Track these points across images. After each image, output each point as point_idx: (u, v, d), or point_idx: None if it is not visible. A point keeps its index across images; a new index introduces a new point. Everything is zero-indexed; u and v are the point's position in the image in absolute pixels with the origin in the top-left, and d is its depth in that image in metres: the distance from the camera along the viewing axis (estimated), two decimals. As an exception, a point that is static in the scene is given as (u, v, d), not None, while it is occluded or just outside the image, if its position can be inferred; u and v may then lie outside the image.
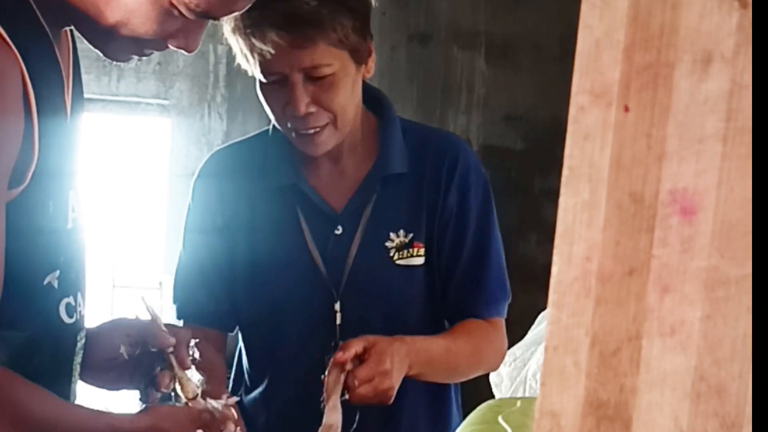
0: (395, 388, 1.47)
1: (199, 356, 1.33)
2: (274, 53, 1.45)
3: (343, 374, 1.44)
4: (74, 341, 1.23)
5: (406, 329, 1.57)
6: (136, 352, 1.31)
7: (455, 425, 1.68)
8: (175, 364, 1.30)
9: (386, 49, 4.53)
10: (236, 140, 1.78)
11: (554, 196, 0.61)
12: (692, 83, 0.58)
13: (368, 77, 1.60)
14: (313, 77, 1.49)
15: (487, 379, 2.86)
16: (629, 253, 0.60)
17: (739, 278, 0.58)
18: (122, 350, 1.30)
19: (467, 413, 1.49)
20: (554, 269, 0.62)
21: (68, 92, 1.19)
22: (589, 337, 0.61)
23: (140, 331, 1.31)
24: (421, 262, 1.64)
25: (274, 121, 1.58)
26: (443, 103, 4.90)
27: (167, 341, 1.30)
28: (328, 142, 1.55)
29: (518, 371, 2.94)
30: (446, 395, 1.75)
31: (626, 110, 0.59)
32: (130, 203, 5.97)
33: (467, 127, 4.92)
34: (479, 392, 2.16)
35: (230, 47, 1.53)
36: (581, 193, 0.61)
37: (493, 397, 2.78)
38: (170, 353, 1.30)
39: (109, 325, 1.33)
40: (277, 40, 1.44)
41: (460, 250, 1.65)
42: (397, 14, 4.63)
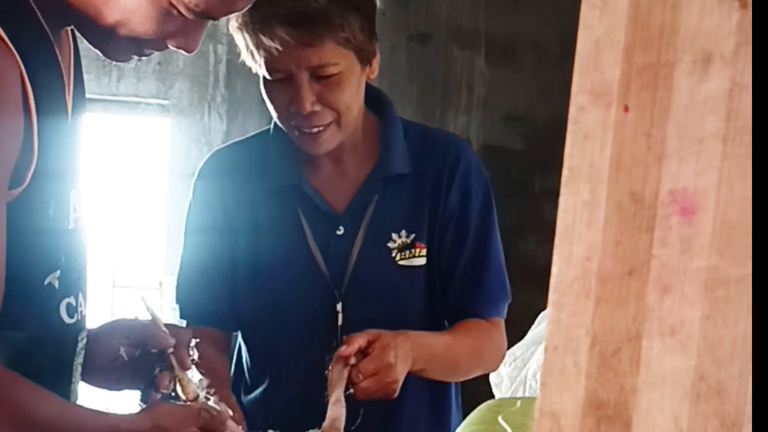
0: (400, 381, 1.47)
1: (199, 357, 1.33)
2: (281, 50, 1.45)
3: (346, 369, 1.44)
4: (75, 341, 1.23)
5: (407, 329, 1.57)
6: (136, 353, 1.31)
7: (455, 425, 1.68)
8: (175, 364, 1.30)
9: (386, 49, 4.53)
10: (237, 140, 1.77)
11: (554, 196, 0.61)
12: (692, 83, 0.58)
13: (372, 78, 1.59)
14: (319, 76, 1.48)
15: (487, 379, 2.86)
16: (629, 253, 0.60)
17: (739, 278, 0.58)
18: (122, 351, 1.29)
19: (467, 413, 1.49)
20: (554, 269, 0.62)
21: (69, 93, 1.19)
22: (589, 337, 0.61)
23: (140, 332, 1.31)
24: (422, 262, 1.64)
25: (276, 118, 1.58)
26: (443, 103, 4.90)
27: (167, 342, 1.29)
28: (331, 141, 1.55)
29: (518, 371, 2.94)
30: (446, 395, 1.74)
31: (626, 110, 0.59)
32: (130, 203, 5.97)
33: (467, 127, 4.92)
34: (479, 392, 2.16)
35: (230, 47, 1.52)
36: (581, 193, 0.61)
37: (493, 397, 2.78)
38: (170, 354, 1.30)
39: (108, 326, 1.33)
40: (285, 37, 1.44)
41: (460, 250, 1.65)
42: (397, 14, 4.63)
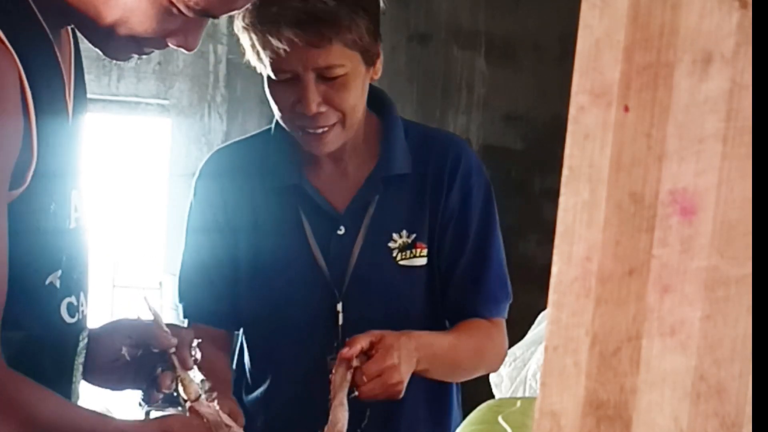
0: (404, 382, 1.46)
1: (201, 357, 1.33)
2: (288, 51, 1.45)
3: (349, 371, 1.43)
4: (76, 341, 1.23)
5: (408, 329, 1.57)
6: (138, 353, 1.30)
7: (455, 425, 1.68)
8: (177, 364, 1.30)
9: (386, 49, 4.51)
10: (238, 139, 1.77)
11: (554, 196, 0.61)
12: (692, 83, 0.58)
13: (376, 79, 1.59)
14: (325, 77, 1.48)
15: (487, 379, 2.86)
16: (629, 253, 0.60)
17: (739, 278, 0.58)
18: (124, 351, 1.29)
19: (467, 413, 1.49)
20: (554, 269, 0.62)
21: (69, 93, 1.19)
22: (589, 337, 0.61)
23: (142, 332, 1.31)
24: (423, 262, 1.64)
25: (280, 118, 1.57)
26: (443, 103, 4.90)
27: (169, 342, 1.29)
28: (335, 141, 1.55)
29: (518, 371, 2.94)
30: (447, 395, 1.74)
31: (626, 110, 0.59)
32: (130, 203, 5.97)
33: (467, 127, 4.92)
34: (479, 392, 2.16)
35: (230, 47, 1.52)
36: (581, 193, 0.61)
37: (493, 397, 2.78)
38: (172, 354, 1.30)
39: (110, 326, 1.33)
40: (293, 38, 1.44)
41: (461, 250, 1.65)
42: (397, 14, 4.63)
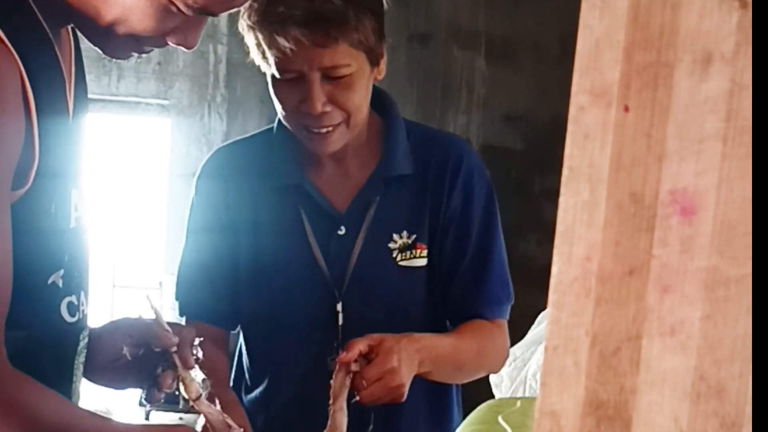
0: (406, 385, 1.45)
1: (202, 356, 1.33)
2: (294, 50, 1.45)
3: (348, 376, 1.41)
4: (76, 340, 1.23)
5: (408, 330, 1.56)
6: (139, 352, 1.30)
7: (455, 425, 1.68)
8: (178, 363, 1.30)
9: (386, 49, 4.53)
10: (240, 138, 1.77)
11: (554, 196, 0.61)
12: (692, 83, 0.58)
13: (379, 79, 1.59)
14: (330, 77, 1.48)
15: (487, 379, 2.86)
16: (629, 253, 0.60)
17: (739, 278, 0.58)
18: (125, 351, 1.29)
19: (467, 413, 1.49)
20: (554, 269, 0.62)
21: (70, 92, 1.19)
22: (589, 337, 0.61)
23: (143, 331, 1.30)
24: (423, 263, 1.64)
25: (283, 118, 1.57)
26: (443, 103, 4.90)
27: (170, 341, 1.29)
28: (339, 141, 1.55)
29: (518, 371, 2.94)
30: (447, 395, 1.74)
31: (626, 110, 0.59)
32: (130, 203, 5.97)
33: (467, 127, 4.92)
34: (479, 392, 2.16)
35: (230, 47, 1.52)
36: (581, 193, 0.61)
37: (493, 397, 2.78)
38: (173, 353, 1.30)
39: (111, 325, 1.33)
40: (300, 37, 1.44)
41: (463, 251, 1.65)
42: (397, 14, 4.64)
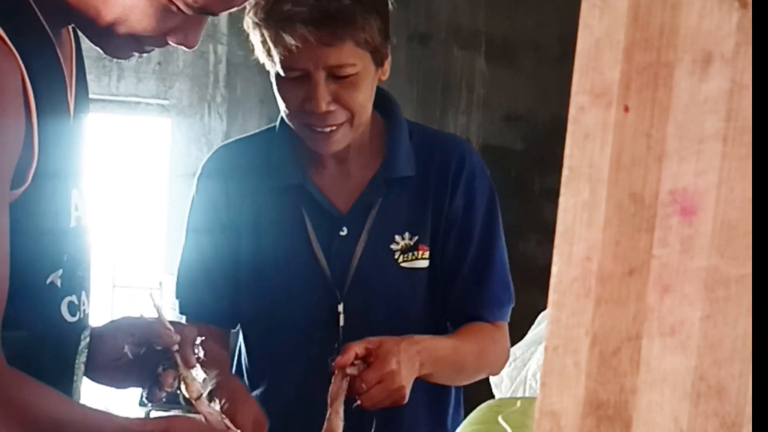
0: (407, 387, 1.45)
1: (204, 355, 1.33)
2: (300, 49, 1.45)
3: (345, 380, 1.41)
4: (77, 340, 1.23)
5: (409, 331, 1.56)
6: (140, 351, 1.30)
7: (456, 425, 1.68)
8: (180, 362, 1.30)
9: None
10: (241, 137, 1.76)
11: (554, 196, 0.61)
12: (692, 83, 0.58)
13: (384, 80, 1.59)
14: (336, 76, 1.48)
15: (487, 379, 2.85)
16: (629, 253, 0.60)
17: (739, 278, 0.58)
18: (126, 350, 1.29)
19: (467, 413, 1.49)
20: (554, 269, 0.62)
21: (71, 92, 1.19)
22: (589, 337, 0.61)
23: (144, 330, 1.31)
24: (425, 265, 1.64)
25: (286, 116, 1.57)
26: (443, 103, 4.90)
27: (172, 339, 1.29)
28: (342, 140, 1.55)
29: (518, 371, 2.94)
30: (447, 395, 1.74)
31: (626, 110, 0.59)
32: (130, 203, 5.97)
33: (467, 127, 4.92)
34: (479, 392, 2.16)
35: (230, 47, 1.52)
36: (581, 193, 0.61)
37: (493, 397, 2.78)
38: (175, 352, 1.30)
39: (112, 324, 1.33)
40: (306, 35, 1.44)
41: (464, 253, 1.65)
42: (397, 14, 4.62)
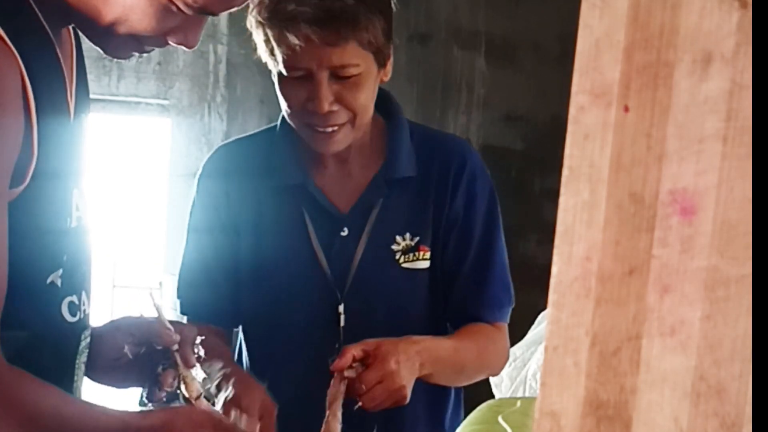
0: (407, 387, 1.45)
1: (206, 351, 1.33)
2: (304, 48, 1.45)
3: (343, 383, 1.41)
4: (78, 340, 1.23)
5: (409, 332, 1.56)
6: (140, 350, 1.30)
7: (456, 425, 1.68)
8: (179, 362, 1.30)
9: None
10: (242, 136, 1.76)
11: (554, 196, 0.61)
12: (692, 83, 0.58)
13: (386, 80, 1.59)
14: (339, 76, 1.48)
15: (487, 379, 2.85)
16: (629, 253, 0.60)
17: (739, 278, 0.58)
18: (126, 350, 1.29)
19: (467, 413, 1.49)
20: (554, 269, 0.62)
21: (71, 92, 1.19)
22: (589, 337, 0.61)
23: (144, 329, 1.31)
24: (426, 265, 1.64)
25: (288, 116, 1.57)
26: (443, 103, 4.89)
27: (171, 339, 1.29)
28: (343, 140, 1.55)
29: (518, 371, 2.94)
30: (447, 395, 1.74)
31: (626, 110, 0.59)
32: (130, 203, 5.97)
33: (467, 127, 4.92)
34: (479, 392, 2.16)
35: (230, 47, 1.52)
36: (581, 193, 0.61)
37: (493, 397, 2.78)
38: (175, 351, 1.30)
39: (112, 324, 1.33)
40: (310, 35, 1.44)
41: (465, 254, 1.65)
42: (397, 14, 4.62)
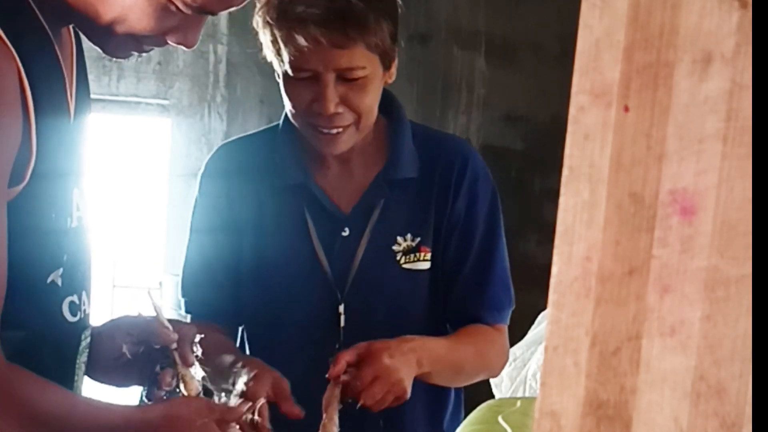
0: (405, 381, 1.45)
1: (213, 349, 1.33)
2: (311, 50, 1.45)
3: (338, 387, 1.42)
4: (78, 340, 1.23)
5: (409, 332, 1.56)
6: (139, 350, 1.31)
7: (456, 426, 1.68)
8: (178, 361, 1.30)
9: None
10: (244, 134, 1.77)
11: (554, 196, 0.61)
12: (692, 83, 0.58)
13: (390, 83, 1.59)
14: (345, 78, 1.49)
15: (486, 379, 2.86)
16: (629, 253, 0.60)
17: (739, 278, 0.58)
18: (125, 349, 1.29)
19: (467, 413, 1.49)
20: (554, 269, 0.62)
21: (71, 92, 1.19)
22: (589, 337, 0.61)
23: (143, 328, 1.31)
24: (427, 266, 1.64)
25: (292, 116, 1.57)
26: (443, 103, 4.90)
27: (170, 338, 1.29)
28: (348, 142, 1.55)
29: (518, 371, 2.94)
30: (447, 395, 1.74)
31: (626, 110, 0.59)
32: (130, 203, 5.98)
33: (467, 127, 4.92)
34: (479, 392, 2.16)
35: (230, 47, 1.52)
36: (581, 193, 0.61)
37: (493, 397, 2.78)
38: (174, 350, 1.30)
39: (111, 324, 1.33)
40: (319, 37, 1.44)
41: (465, 255, 1.65)
42: (397, 14, 4.62)
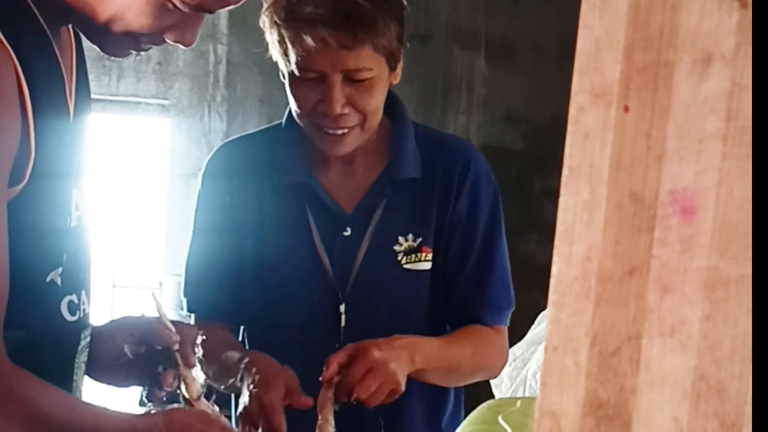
0: (399, 374, 1.45)
1: (218, 347, 1.33)
2: (319, 51, 1.45)
3: (330, 389, 1.43)
4: (77, 339, 1.23)
5: (410, 333, 1.56)
6: (141, 350, 1.31)
7: (456, 426, 1.68)
8: (180, 362, 1.30)
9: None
10: (246, 133, 1.77)
11: (554, 196, 0.61)
12: (692, 83, 0.58)
13: (395, 84, 1.60)
14: (352, 79, 1.49)
15: (487, 379, 2.86)
16: (629, 253, 0.60)
17: (739, 278, 0.58)
18: (126, 349, 1.29)
19: (467, 413, 1.49)
20: (554, 269, 0.62)
21: (71, 92, 1.19)
22: (589, 337, 0.61)
23: (144, 329, 1.31)
24: (428, 267, 1.64)
25: (297, 116, 1.57)
26: (443, 103, 4.90)
27: (171, 339, 1.29)
28: (353, 143, 1.56)
29: (518, 371, 2.94)
30: (446, 395, 1.75)
31: (626, 110, 0.59)
32: (130, 203, 5.98)
33: (467, 127, 4.92)
34: (479, 392, 2.16)
35: (230, 47, 1.52)
36: (581, 193, 0.61)
37: (493, 397, 2.78)
38: (175, 351, 1.30)
39: (112, 324, 1.33)
40: (327, 38, 1.44)
41: (466, 256, 1.65)
42: (397, 14, 4.62)
